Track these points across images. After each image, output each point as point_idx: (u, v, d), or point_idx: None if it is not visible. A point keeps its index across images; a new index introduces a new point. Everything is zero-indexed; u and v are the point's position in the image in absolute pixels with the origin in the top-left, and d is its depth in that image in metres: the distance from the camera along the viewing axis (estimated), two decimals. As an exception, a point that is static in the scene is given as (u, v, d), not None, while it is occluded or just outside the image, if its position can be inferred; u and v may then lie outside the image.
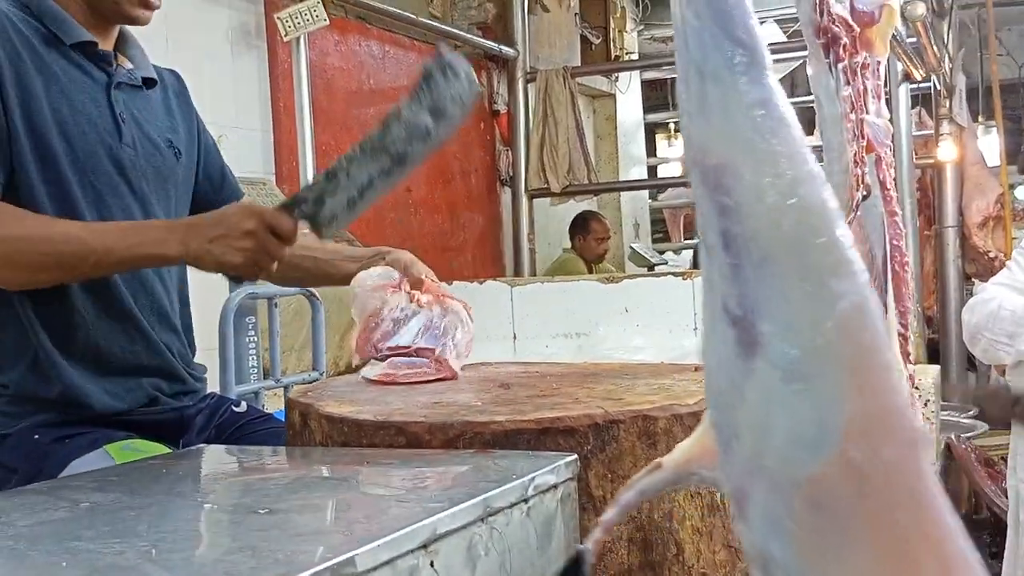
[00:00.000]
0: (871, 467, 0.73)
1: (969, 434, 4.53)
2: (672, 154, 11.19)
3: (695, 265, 7.83)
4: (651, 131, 10.86)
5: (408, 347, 1.79)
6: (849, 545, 0.74)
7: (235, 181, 2.06)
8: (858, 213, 1.66)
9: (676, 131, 11.38)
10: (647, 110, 9.96)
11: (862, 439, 0.73)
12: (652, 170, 10.51)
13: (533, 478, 1.18)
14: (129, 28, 1.87)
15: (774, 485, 0.76)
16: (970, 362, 6.14)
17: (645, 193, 9.60)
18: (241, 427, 1.86)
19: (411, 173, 1.69)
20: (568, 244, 7.20)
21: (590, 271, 6.82)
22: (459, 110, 1.66)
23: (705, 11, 0.77)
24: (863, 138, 1.63)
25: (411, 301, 1.84)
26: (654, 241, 9.84)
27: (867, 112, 1.65)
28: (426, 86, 1.64)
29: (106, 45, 1.80)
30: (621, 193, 8.72)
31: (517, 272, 6.81)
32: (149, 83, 1.87)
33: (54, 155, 1.67)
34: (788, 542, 0.76)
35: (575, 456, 1.28)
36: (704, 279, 0.82)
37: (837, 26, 1.55)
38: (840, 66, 1.57)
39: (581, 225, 7.05)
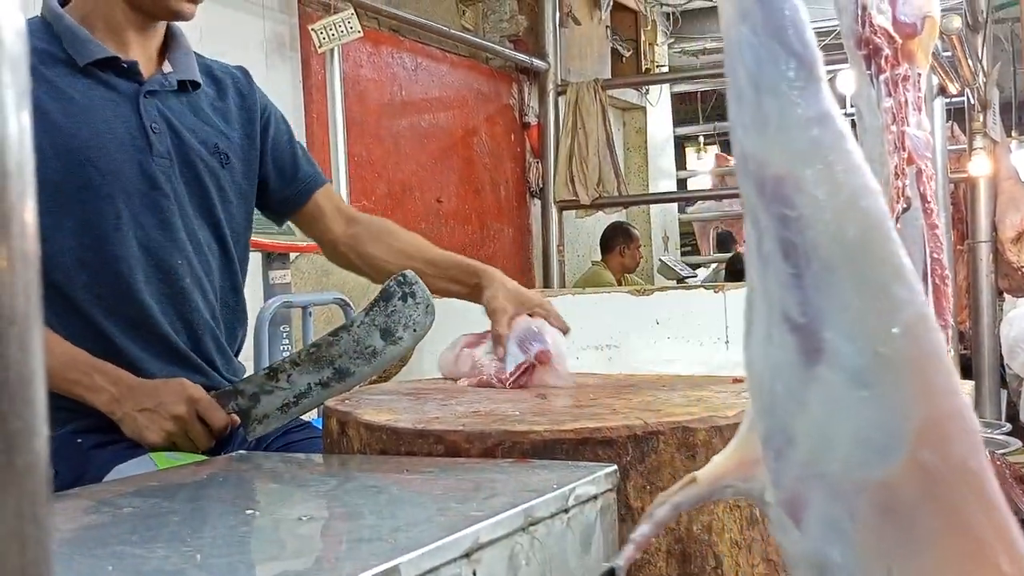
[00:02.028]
0: (941, 469, 0.74)
1: (1003, 451, 4.49)
2: (701, 167, 11.18)
3: (728, 278, 7.79)
4: (681, 144, 10.87)
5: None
6: (918, 547, 0.75)
7: (313, 171, 2.00)
8: (898, 226, 1.65)
9: (706, 144, 11.38)
10: (677, 123, 9.97)
11: (931, 442, 0.74)
12: (681, 183, 10.51)
13: (574, 488, 1.18)
14: (180, 29, 1.85)
15: (835, 491, 0.77)
16: (1003, 378, 6.08)
17: (674, 206, 9.60)
18: (281, 435, 1.86)
19: (351, 388, 1.69)
20: (598, 257, 7.20)
21: (619, 284, 6.82)
22: (410, 337, 1.67)
23: (762, 26, 0.78)
24: (904, 150, 1.63)
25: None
26: (683, 254, 9.83)
27: (908, 124, 1.64)
28: (383, 306, 1.65)
29: (146, 50, 1.78)
30: (650, 206, 8.72)
31: (546, 284, 6.81)
32: (193, 85, 1.83)
33: (80, 184, 1.66)
34: (849, 547, 0.77)
35: (615, 467, 1.28)
36: (758, 288, 0.82)
37: (879, 37, 1.54)
38: (882, 78, 1.56)
39: (625, 234, 7.05)
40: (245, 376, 1.76)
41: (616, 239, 7.05)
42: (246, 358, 2.69)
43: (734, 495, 1.02)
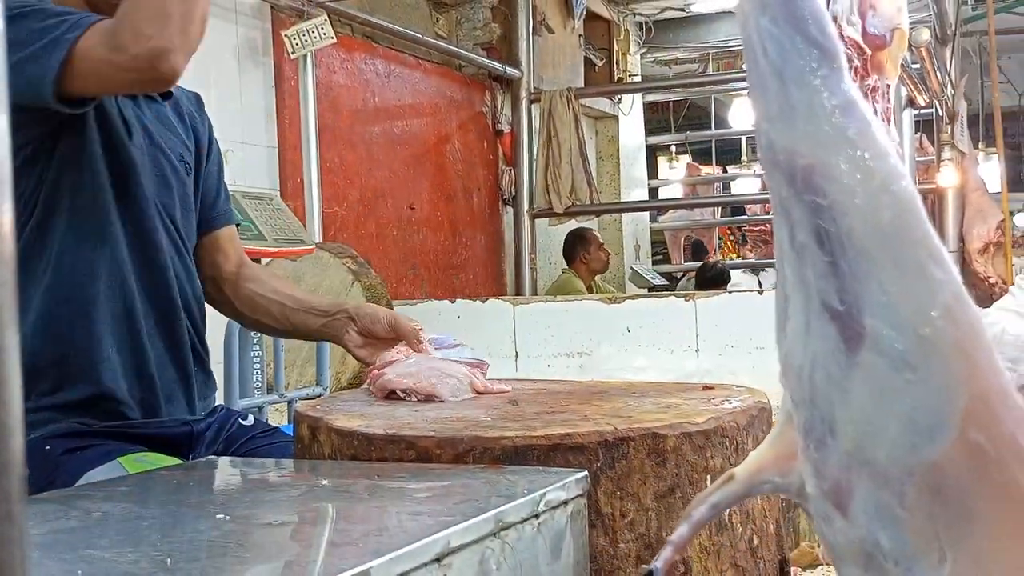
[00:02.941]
0: (991, 447, 0.74)
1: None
2: (673, 176, 11.22)
3: (699, 287, 7.83)
4: (652, 153, 10.90)
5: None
6: (972, 527, 0.76)
7: (229, 208, 2.07)
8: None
9: (677, 154, 11.42)
10: (649, 132, 10.00)
11: (979, 421, 0.74)
12: (653, 192, 10.55)
13: (544, 494, 1.18)
14: None
15: (882, 476, 0.77)
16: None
17: (646, 215, 9.64)
18: (248, 440, 1.86)
19: None
20: (566, 265, 7.22)
21: (590, 290, 6.84)
22: None
23: (783, 18, 0.79)
24: (872, 161, 1.64)
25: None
26: (654, 263, 9.87)
27: (876, 135, 1.66)
28: None
29: None
30: (622, 214, 8.75)
31: (518, 291, 6.82)
32: (163, 95, 1.87)
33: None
34: (899, 531, 0.78)
35: (585, 472, 1.29)
36: (793, 280, 0.82)
37: (849, 49, 1.56)
38: (851, 89, 1.58)
39: (581, 240, 7.08)
40: None
41: (575, 248, 7.07)
42: (216, 363, 2.68)
43: (772, 490, 1.02)
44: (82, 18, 1.56)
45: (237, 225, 2.09)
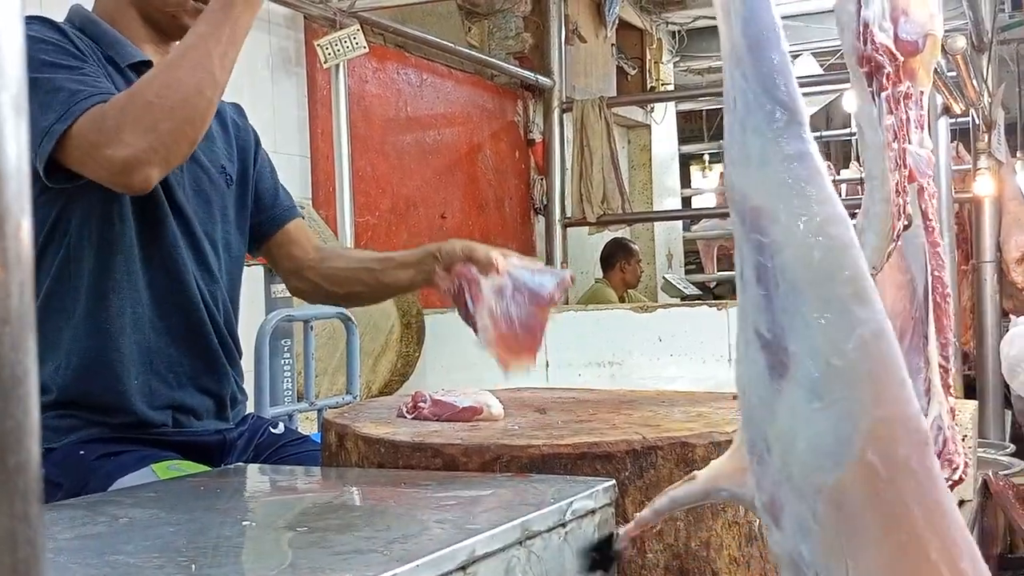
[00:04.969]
0: (885, 469, 0.82)
1: (1007, 471, 4.46)
2: (706, 185, 11.18)
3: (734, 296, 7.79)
4: (685, 162, 10.87)
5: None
6: (868, 543, 0.84)
7: (291, 203, 2.09)
8: (899, 243, 1.65)
9: (710, 162, 11.38)
10: (682, 141, 9.97)
11: (878, 445, 0.83)
12: (686, 201, 10.51)
13: (571, 503, 1.18)
14: None
15: (800, 493, 0.86)
16: (1007, 399, 6.06)
17: (679, 224, 9.60)
18: (279, 448, 1.86)
19: None
20: (601, 274, 7.20)
21: (621, 301, 6.82)
22: None
23: (751, 73, 0.87)
24: (905, 167, 1.62)
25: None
26: (687, 272, 9.83)
27: (909, 142, 1.64)
28: None
29: None
30: (655, 223, 8.73)
31: (550, 301, 6.79)
32: None
33: None
34: (814, 543, 0.86)
35: (613, 481, 1.28)
36: (739, 308, 0.91)
37: (880, 55, 1.54)
38: (883, 95, 1.56)
39: (624, 250, 7.05)
40: None
41: (616, 255, 7.05)
42: (247, 371, 2.69)
43: (728, 499, 1.11)
44: (85, 98, 1.54)
45: None
